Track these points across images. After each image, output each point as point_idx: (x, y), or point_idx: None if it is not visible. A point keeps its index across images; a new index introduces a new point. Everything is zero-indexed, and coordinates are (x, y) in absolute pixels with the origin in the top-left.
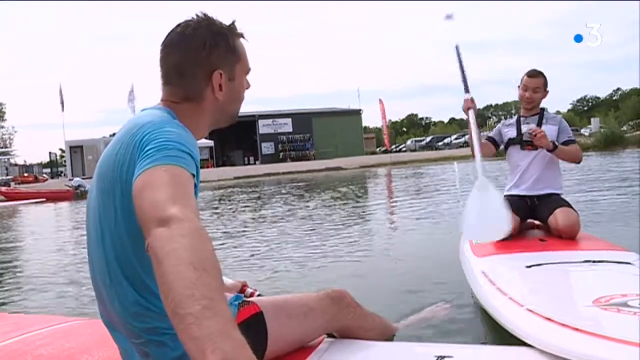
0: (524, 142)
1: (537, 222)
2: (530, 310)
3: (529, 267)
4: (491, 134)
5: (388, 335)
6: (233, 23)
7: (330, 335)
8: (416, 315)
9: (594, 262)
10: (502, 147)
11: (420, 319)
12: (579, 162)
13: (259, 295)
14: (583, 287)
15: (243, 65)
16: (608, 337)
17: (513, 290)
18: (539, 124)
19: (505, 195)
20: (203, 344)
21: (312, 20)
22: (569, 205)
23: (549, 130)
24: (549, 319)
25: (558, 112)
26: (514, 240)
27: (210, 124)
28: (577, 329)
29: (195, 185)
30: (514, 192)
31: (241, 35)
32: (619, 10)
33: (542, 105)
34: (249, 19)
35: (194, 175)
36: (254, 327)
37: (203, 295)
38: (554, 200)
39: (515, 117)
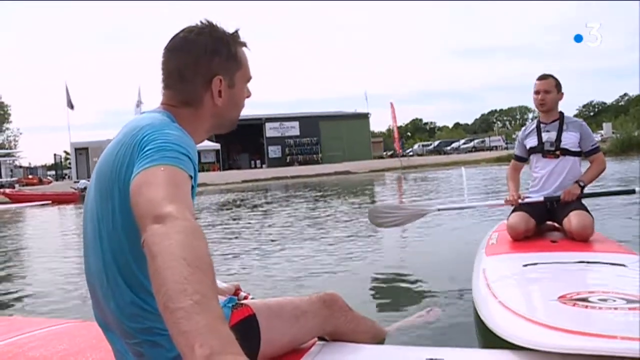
0: (546, 151)
1: (556, 224)
2: (501, 303)
3: (525, 265)
4: (517, 151)
5: (379, 339)
6: (236, 31)
7: (321, 338)
8: (407, 319)
9: (587, 263)
10: None
11: (412, 323)
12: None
13: (252, 298)
14: (560, 284)
15: (244, 73)
16: (550, 326)
17: (497, 286)
18: (560, 131)
19: (523, 199)
20: (192, 338)
21: (319, 24)
22: (585, 209)
23: (571, 137)
24: (511, 310)
25: None
26: (529, 241)
27: (209, 129)
28: (527, 319)
29: (193, 187)
30: (535, 197)
31: (244, 44)
32: (624, 16)
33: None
34: (257, 22)
35: (191, 177)
36: (246, 329)
37: (195, 290)
38: (571, 203)
39: (535, 123)
